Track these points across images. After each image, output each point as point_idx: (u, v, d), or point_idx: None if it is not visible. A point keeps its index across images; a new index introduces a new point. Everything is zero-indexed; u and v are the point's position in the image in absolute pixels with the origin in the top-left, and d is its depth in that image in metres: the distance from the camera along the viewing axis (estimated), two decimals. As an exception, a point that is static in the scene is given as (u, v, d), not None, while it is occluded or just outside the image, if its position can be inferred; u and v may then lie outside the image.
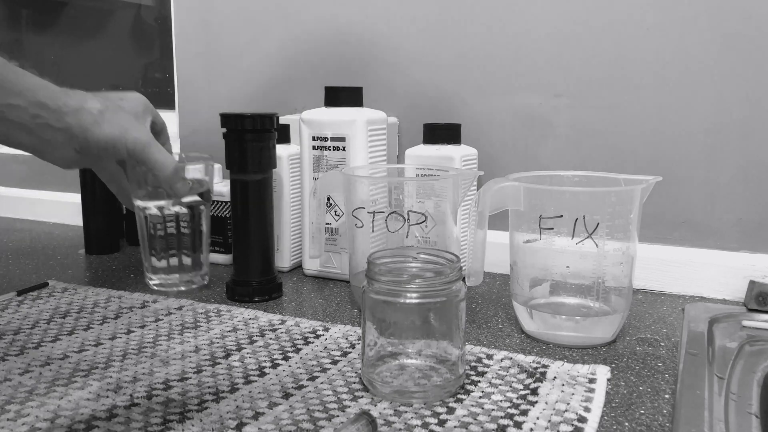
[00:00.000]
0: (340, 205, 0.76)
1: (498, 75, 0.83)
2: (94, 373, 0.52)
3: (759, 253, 0.74)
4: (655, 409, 0.48)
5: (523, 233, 0.61)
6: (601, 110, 0.79)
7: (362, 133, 0.74)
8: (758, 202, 0.73)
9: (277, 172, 0.80)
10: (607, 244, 0.58)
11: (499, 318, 0.67)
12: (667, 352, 0.58)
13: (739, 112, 0.73)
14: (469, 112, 0.85)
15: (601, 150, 0.79)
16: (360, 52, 0.91)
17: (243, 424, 0.44)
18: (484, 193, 0.61)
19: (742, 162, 0.73)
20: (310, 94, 0.92)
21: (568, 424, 0.44)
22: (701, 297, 0.73)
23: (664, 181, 0.62)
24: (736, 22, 0.72)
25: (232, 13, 1.00)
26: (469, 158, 0.76)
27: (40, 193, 1.21)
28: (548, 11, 0.80)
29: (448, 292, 0.48)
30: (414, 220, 0.65)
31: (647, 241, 0.77)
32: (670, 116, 0.76)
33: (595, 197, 0.59)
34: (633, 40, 0.76)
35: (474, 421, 0.45)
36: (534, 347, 0.59)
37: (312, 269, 0.81)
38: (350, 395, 0.49)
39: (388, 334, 0.49)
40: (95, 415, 0.45)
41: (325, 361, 0.55)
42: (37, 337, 0.60)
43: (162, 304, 0.69)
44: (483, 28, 0.83)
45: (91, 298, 0.71)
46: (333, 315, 0.67)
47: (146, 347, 0.58)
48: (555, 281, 0.61)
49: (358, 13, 0.90)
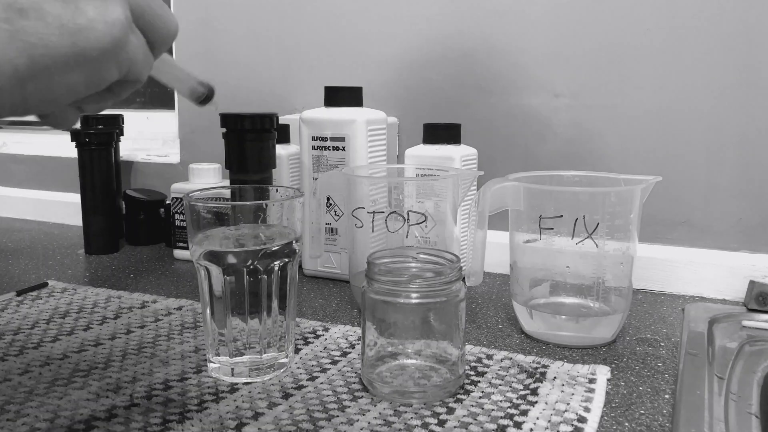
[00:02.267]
0: (340, 205, 0.76)
1: (498, 75, 0.83)
2: (94, 373, 0.52)
3: (759, 253, 0.74)
4: (655, 409, 0.48)
5: (523, 233, 0.61)
6: (601, 110, 0.79)
7: (362, 133, 0.74)
8: (758, 202, 0.73)
9: (277, 172, 0.80)
10: (607, 244, 0.58)
11: (499, 318, 0.66)
12: (667, 352, 0.58)
13: (739, 111, 0.73)
14: (469, 112, 0.85)
15: (601, 150, 0.79)
16: (360, 51, 0.91)
17: (243, 424, 0.44)
18: (484, 193, 0.61)
19: (742, 162, 0.73)
20: (310, 94, 0.92)
21: (568, 424, 0.44)
22: (701, 297, 0.73)
23: (664, 181, 0.62)
24: (736, 21, 0.72)
25: (231, 12, 1.00)
26: (469, 158, 0.76)
27: (40, 193, 1.21)
28: (548, 11, 0.80)
29: (448, 292, 0.48)
30: (414, 220, 0.65)
31: (647, 241, 0.77)
32: (670, 116, 0.76)
33: (595, 197, 0.59)
34: (633, 40, 0.76)
35: (474, 421, 0.45)
36: (534, 347, 0.59)
37: (312, 269, 0.81)
38: (350, 395, 0.49)
39: (388, 334, 0.49)
40: (95, 415, 0.45)
41: (324, 361, 0.55)
42: (37, 337, 0.60)
43: (162, 304, 0.69)
44: (484, 27, 0.83)
45: (90, 298, 0.71)
46: (333, 315, 0.67)
47: (146, 347, 0.58)
48: (555, 281, 0.61)
49: (358, 12, 0.90)
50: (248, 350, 0.52)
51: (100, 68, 0.29)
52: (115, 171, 0.95)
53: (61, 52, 0.27)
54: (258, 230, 0.50)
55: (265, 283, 0.51)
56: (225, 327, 0.51)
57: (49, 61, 0.27)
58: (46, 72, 0.27)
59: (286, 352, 0.53)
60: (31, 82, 0.27)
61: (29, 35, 0.26)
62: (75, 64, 0.28)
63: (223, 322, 0.51)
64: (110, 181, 0.93)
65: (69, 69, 0.28)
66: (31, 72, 0.27)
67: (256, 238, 0.51)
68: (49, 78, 0.27)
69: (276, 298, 0.52)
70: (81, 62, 0.28)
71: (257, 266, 0.50)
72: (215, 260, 0.50)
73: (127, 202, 0.98)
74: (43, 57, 0.27)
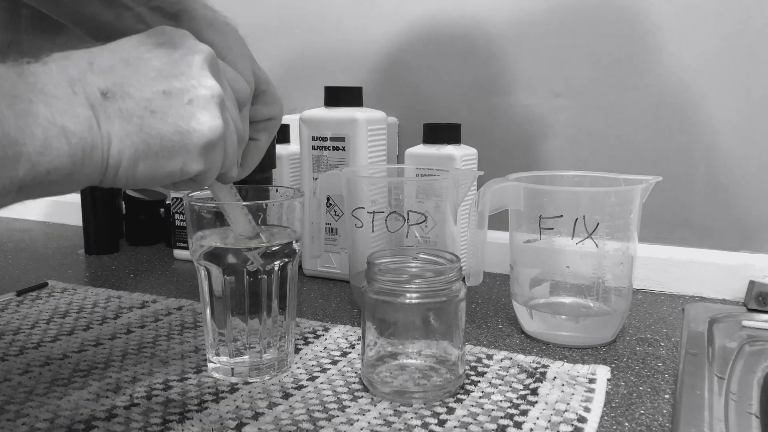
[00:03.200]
0: (340, 205, 0.76)
1: (498, 75, 0.83)
2: (94, 373, 0.52)
3: (759, 253, 0.74)
4: (655, 409, 0.48)
5: (523, 233, 0.61)
6: (601, 110, 0.79)
7: (362, 133, 0.74)
8: (758, 202, 0.73)
9: (277, 172, 0.80)
10: (607, 244, 0.58)
11: (499, 318, 0.66)
12: (667, 352, 0.58)
13: (739, 111, 0.73)
14: (469, 112, 0.85)
15: (601, 150, 0.79)
16: (360, 51, 0.91)
17: (243, 425, 0.44)
18: (484, 193, 0.61)
19: (742, 162, 0.73)
20: (310, 94, 0.92)
21: (568, 424, 0.44)
22: (701, 297, 0.73)
23: (664, 181, 0.62)
24: (736, 21, 0.72)
25: (231, 12, 1.00)
26: (469, 158, 0.76)
27: (39, 193, 1.21)
28: (548, 11, 0.80)
29: (448, 292, 0.48)
30: (414, 220, 0.65)
31: (647, 241, 0.77)
32: (670, 116, 0.76)
33: (595, 197, 0.59)
34: (633, 40, 0.76)
35: (474, 421, 0.45)
36: (534, 347, 0.59)
37: (312, 269, 0.81)
38: (350, 395, 0.49)
39: (388, 334, 0.49)
40: (95, 415, 0.45)
41: (324, 361, 0.55)
42: (37, 337, 0.60)
43: (162, 304, 0.69)
44: (483, 27, 0.83)
45: (90, 298, 0.71)
46: (333, 315, 0.67)
47: (146, 347, 0.58)
48: (555, 281, 0.61)
49: (359, 11, 0.90)
50: (248, 350, 0.52)
51: (192, 161, 0.35)
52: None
53: (169, 145, 0.34)
54: (258, 230, 0.50)
55: (265, 283, 0.51)
56: (225, 327, 0.51)
57: (158, 149, 0.34)
58: (154, 157, 0.34)
59: (286, 352, 0.53)
60: (142, 163, 0.33)
61: (152, 129, 0.33)
62: (176, 155, 0.34)
63: (223, 322, 0.51)
64: (110, 181, 0.93)
65: (171, 158, 0.34)
66: (144, 155, 0.33)
67: (256, 237, 0.51)
68: (156, 162, 0.34)
69: (276, 298, 0.52)
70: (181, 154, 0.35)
71: (259, 267, 0.50)
72: (215, 260, 0.50)
73: (127, 202, 0.98)
74: (155, 146, 0.33)
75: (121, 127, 0.32)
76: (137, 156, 0.33)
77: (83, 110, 0.31)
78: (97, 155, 0.31)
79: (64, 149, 0.30)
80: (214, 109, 0.35)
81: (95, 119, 0.32)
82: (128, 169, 0.33)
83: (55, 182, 0.30)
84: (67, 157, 0.30)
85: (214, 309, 0.51)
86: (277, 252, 0.51)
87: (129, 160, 0.33)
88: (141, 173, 0.34)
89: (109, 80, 0.32)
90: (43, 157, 0.29)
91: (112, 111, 0.32)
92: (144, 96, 0.33)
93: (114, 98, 0.32)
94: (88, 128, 0.31)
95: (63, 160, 0.30)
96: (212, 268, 0.50)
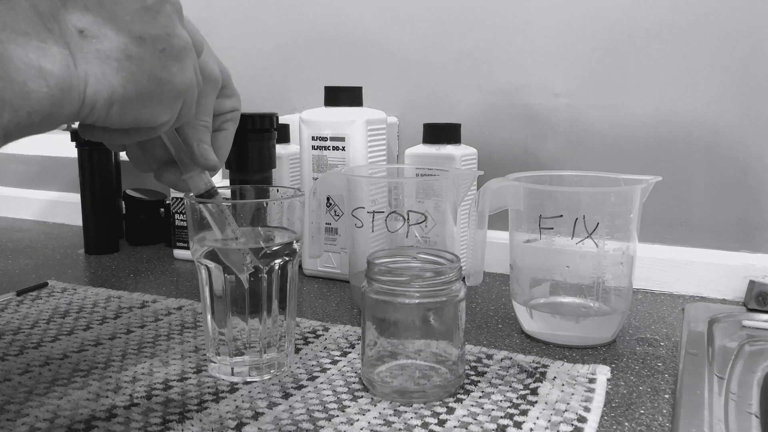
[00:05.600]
0: (340, 205, 0.76)
1: (498, 75, 0.83)
2: (94, 373, 0.52)
3: (759, 253, 0.74)
4: (655, 409, 0.48)
5: (523, 233, 0.61)
6: (601, 110, 0.79)
7: (362, 133, 0.74)
8: (758, 202, 0.73)
9: (277, 172, 0.80)
10: (607, 244, 0.58)
11: (499, 318, 0.66)
12: (667, 352, 0.58)
13: (739, 111, 0.73)
14: (469, 112, 0.85)
15: (601, 150, 0.79)
16: (360, 51, 0.91)
17: (243, 424, 0.44)
18: (484, 193, 0.61)
19: (742, 162, 0.73)
20: (310, 94, 0.92)
21: (568, 424, 0.44)
22: (701, 297, 0.73)
23: (664, 181, 0.62)
24: (735, 21, 0.72)
25: (230, 11, 1.00)
26: (469, 158, 0.76)
27: (40, 193, 1.21)
28: (548, 11, 0.80)
29: (448, 292, 0.48)
30: (414, 220, 0.65)
31: (647, 241, 0.77)
32: (670, 116, 0.76)
33: (595, 197, 0.59)
34: (633, 40, 0.76)
35: (474, 421, 0.45)
36: (534, 347, 0.59)
37: (312, 269, 0.81)
38: (350, 395, 0.49)
39: (388, 334, 0.49)
40: (95, 415, 0.45)
41: (324, 361, 0.55)
42: (37, 337, 0.60)
43: (162, 304, 0.69)
44: (483, 27, 0.83)
45: (90, 298, 0.71)
46: (333, 315, 0.67)
47: (146, 347, 0.58)
48: (555, 281, 0.61)
49: (359, 11, 0.90)
50: (248, 350, 0.52)
51: (163, 110, 0.35)
52: (115, 171, 0.95)
53: (144, 92, 0.33)
54: (258, 230, 0.50)
55: (265, 282, 0.51)
56: (225, 326, 0.51)
57: (133, 95, 0.33)
58: (128, 102, 0.33)
59: (286, 351, 0.53)
60: (116, 106, 0.32)
61: (128, 73, 0.32)
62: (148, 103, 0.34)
63: (224, 322, 0.51)
64: (110, 180, 0.93)
65: (143, 105, 0.33)
66: (120, 99, 0.32)
67: (257, 237, 0.51)
68: (128, 107, 0.33)
69: (276, 297, 0.52)
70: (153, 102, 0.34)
71: (258, 266, 0.50)
72: (216, 259, 0.50)
73: (127, 202, 0.98)
74: (131, 91, 0.32)
75: (99, 68, 0.31)
76: (112, 99, 0.32)
77: (59, 49, 0.30)
78: (74, 95, 0.30)
79: (43, 91, 0.29)
80: (185, 61, 0.35)
81: (71, 58, 0.30)
82: (101, 110, 0.32)
83: (35, 124, 0.29)
84: (47, 99, 0.29)
85: (215, 308, 0.51)
86: (277, 252, 0.51)
87: (104, 101, 0.32)
88: (113, 116, 0.33)
89: (85, 19, 0.31)
90: (24, 101, 0.28)
91: (89, 51, 0.31)
92: (120, 39, 0.32)
93: (90, 38, 0.31)
94: (66, 67, 0.30)
95: (43, 102, 0.29)
96: (213, 267, 0.50)
